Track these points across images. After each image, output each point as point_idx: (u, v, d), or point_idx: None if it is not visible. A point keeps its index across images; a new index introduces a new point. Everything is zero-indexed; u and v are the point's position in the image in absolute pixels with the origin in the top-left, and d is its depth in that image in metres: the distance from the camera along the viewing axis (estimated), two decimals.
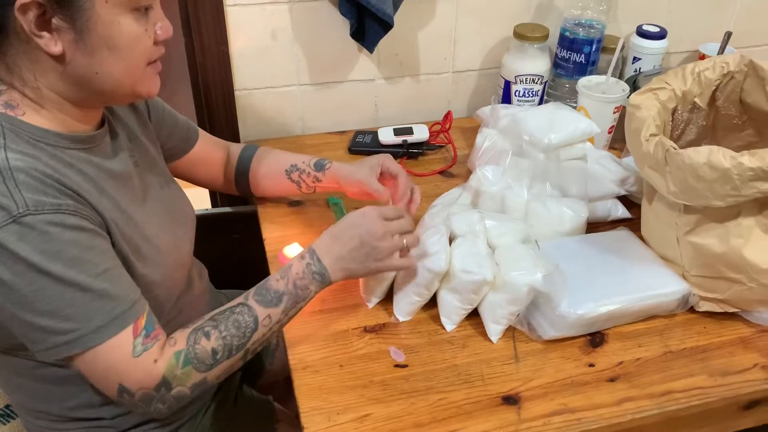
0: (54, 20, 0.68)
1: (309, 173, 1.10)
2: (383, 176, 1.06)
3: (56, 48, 0.70)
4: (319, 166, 1.10)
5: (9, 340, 0.78)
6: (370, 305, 0.98)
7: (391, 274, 0.96)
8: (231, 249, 1.41)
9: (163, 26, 0.78)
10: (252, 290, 0.84)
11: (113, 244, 0.78)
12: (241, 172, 1.12)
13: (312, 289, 0.86)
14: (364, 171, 1.05)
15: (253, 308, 0.82)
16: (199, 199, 1.52)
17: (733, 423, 0.95)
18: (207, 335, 0.79)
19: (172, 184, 0.98)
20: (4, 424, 0.99)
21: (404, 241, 0.90)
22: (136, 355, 0.74)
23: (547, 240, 1.03)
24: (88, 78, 0.74)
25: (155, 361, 0.76)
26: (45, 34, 0.69)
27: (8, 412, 0.98)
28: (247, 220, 1.21)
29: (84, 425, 0.89)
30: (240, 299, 0.83)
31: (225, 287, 1.26)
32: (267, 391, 1.16)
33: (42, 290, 0.69)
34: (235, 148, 1.14)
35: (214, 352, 0.79)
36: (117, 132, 0.87)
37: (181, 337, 0.79)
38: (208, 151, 1.10)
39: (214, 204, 1.51)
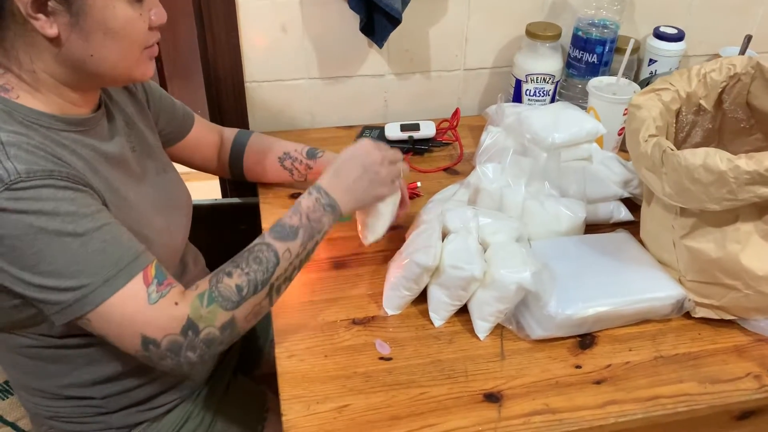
0: (50, 3, 0.70)
1: (301, 161, 1.12)
2: None
3: (52, 30, 0.71)
4: (311, 155, 1.12)
5: (4, 318, 0.80)
6: (367, 242, 0.99)
7: (388, 211, 0.98)
8: (238, 239, 1.42)
9: (157, 12, 0.79)
10: (268, 229, 0.85)
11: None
12: (235, 157, 1.15)
13: (325, 221, 0.87)
14: None
15: (271, 244, 0.82)
16: (210, 190, 1.55)
17: None
18: (229, 274, 0.79)
19: (170, 171, 0.99)
20: (3, 399, 1.02)
21: (398, 167, 0.95)
22: (153, 302, 0.74)
23: (543, 240, 1.02)
24: (83, 61, 0.75)
25: (176, 303, 0.75)
26: (41, 16, 0.70)
27: (6, 387, 1.01)
28: (254, 211, 1.22)
29: (74, 404, 0.91)
30: (256, 240, 0.83)
31: None
32: (262, 381, 1.17)
33: (43, 250, 0.70)
34: (229, 133, 1.16)
35: (239, 288, 0.78)
36: (114, 116, 0.89)
37: (202, 282, 0.79)
38: (204, 135, 1.13)
39: (224, 195, 1.53)
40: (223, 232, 1.42)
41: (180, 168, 1.04)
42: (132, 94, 0.96)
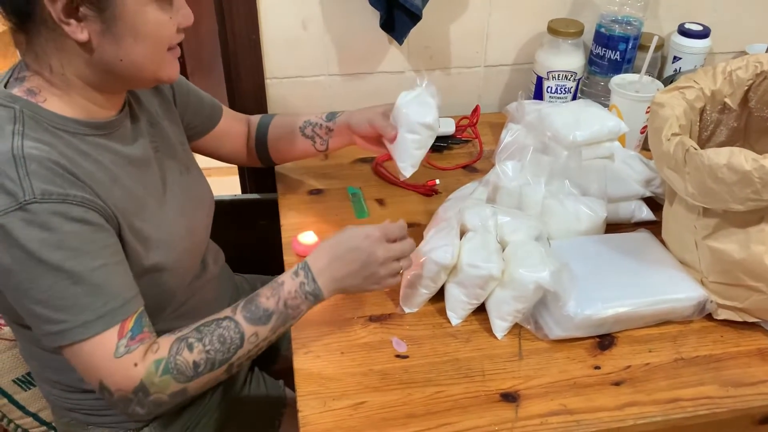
0: (81, 9, 0.70)
1: (321, 125, 1.11)
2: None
3: (83, 35, 0.72)
4: (330, 117, 1.11)
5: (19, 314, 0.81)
6: (406, 311, 0.96)
7: (430, 291, 0.95)
8: (257, 235, 1.43)
9: (185, 14, 0.79)
10: (241, 304, 0.82)
11: (120, 236, 0.79)
12: (261, 140, 1.14)
13: (303, 308, 0.84)
14: (375, 111, 1.05)
15: (240, 324, 0.80)
16: (230, 186, 1.56)
17: None
18: (190, 347, 0.78)
19: (193, 170, 1.00)
20: (25, 390, 1.03)
21: (400, 264, 0.88)
22: (118, 356, 0.75)
23: (562, 239, 1.01)
24: (112, 64, 0.76)
25: (135, 365, 0.76)
26: (72, 21, 0.71)
27: (28, 379, 1.03)
28: (273, 206, 1.23)
29: (93, 396, 0.92)
30: (228, 312, 0.82)
31: (249, 272, 1.28)
32: (280, 375, 1.18)
33: (37, 279, 0.71)
34: (254, 119, 1.16)
35: (196, 365, 0.78)
36: (138, 117, 0.89)
37: (164, 344, 0.78)
38: (231, 125, 1.12)
39: (243, 191, 1.53)
40: (242, 228, 1.44)
41: (201, 163, 1.05)
42: (159, 91, 0.96)
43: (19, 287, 0.72)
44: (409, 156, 1.00)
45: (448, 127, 1.32)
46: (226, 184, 1.60)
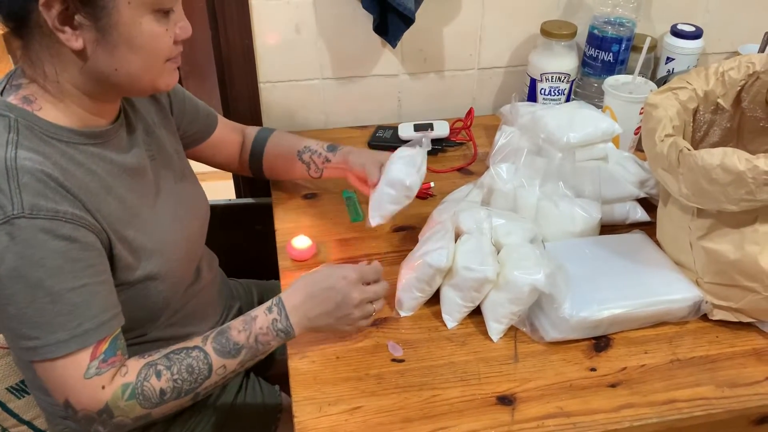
0: (77, 17, 0.70)
1: (320, 154, 1.11)
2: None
3: (77, 44, 0.71)
4: (332, 148, 1.11)
5: None
6: (401, 315, 0.96)
7: (425, 294, 0.95)
8: (252, 239, 1.43)
9: (183, 26, 0.79)
10: (212, 335, 0.83)
11: (110, 250, 0.78)
12: (256, 153, 1.14)
13: (273, 344, 0.85)
14: (372, 158, 1.06)
15: (209, 356, 0.81)
16: (224, 191, 1.55)
17: None
18: (158, 375, 0.78)
19: (188, 179, 0.99)
20: (18, 398, 1.03)
21: (373, 307, 0.88)
22: (87, 377, 0.75)
23: (557, 241, 1.01)
24: (107, 73, 0.75)
25: (103, 387, 0.76)
26: (67, 29, 0.70)
27: (22, 387, 1.02)
28: (268, 211, 1.23)
29: None
30: (199, 341, 0.82)
31: (244, 276, 1.28)
32: (276, 381, 1.17)
33: (15, 294, 0.71)
34: (251, 131, 1.16)
35: (162, 392, 0.78)
36: (134, 125, 0.89)
37: (133, 368, 0.78)
38: (227, 135, 1.13)
39: (238, 195, 1.53)
40: (237, 232, 1.43)
41: (195, 167, 1.05)
42: (155, 99, 0.96)
43: None
44: (381, 208, 1.01)
45: (443, 130, 1.32)
46: (220, 188, 1.59)
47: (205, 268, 1.03)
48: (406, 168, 0.99)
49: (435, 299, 0.95)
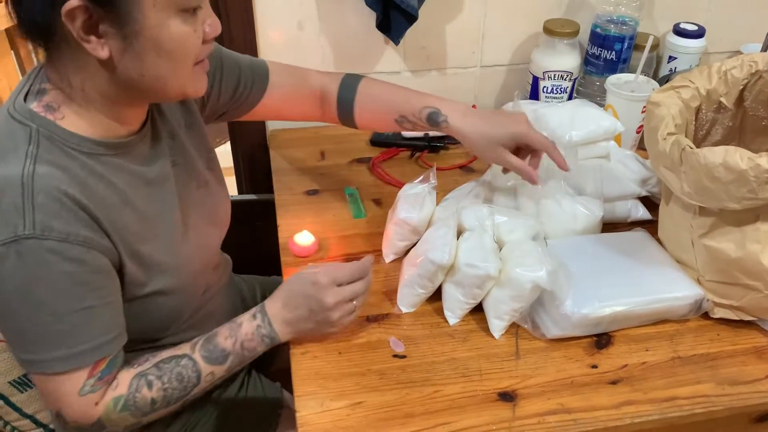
0: (101, 26, 0.67)
1: (423, 126, 1.01)
2: (521, 149, 0.98)
3: (103, 52, 0.69)
4: (433, 121, 0.99)
5: None
6: (403, 311, 0.96)
7: (427, 291, 0.94)
8: (254, 235, 1.43)
9: (212, 24, 0.75)
10: (200, 342, 0.84)
11: (121, 266, 0.78)
12: (345, 114, 1.04)
13: (259, 350, 0.86)
14: (492, 149, 0.96)
15: (197, 363, 0.82)
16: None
17: None
18: (149, 385, 0.79)
19: (212, 184, 0.96)
20: (21, 392, 1.03)
21: (354, 304, 0.87)
22: (82, 394, 0.75)
23: (559, 238, 1.02)
24: (135, 81, 0.73)
25: (96, 403, 0.77)
26: (92, 38, 0.68)
27: (26, 380, 1.02)
28: (270, 207, 1.23)
29: None
30: (187, 349, 0.83)
31: (247, 272, 1.28)
32: (277, 377, 1.17)
33: (19, 310, 0.71)
34: (330, 83, 1.04)
35: (153, 401, 0.80)
36: (159, 130, 0.86)
37: (124, 380, 0.79)
38: (292, 90, 1.04)
39: (240, 191, 1.53)
40: (239, 229, 1.43)
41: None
42: (183, 101, 0.92)
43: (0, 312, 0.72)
44: (392, 245, 1.04)
45: None
46: None
47: (219, 274, 1.02)
48: (411, 207, 1.00)
49: (437, 296, 0.96)
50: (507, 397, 0.83)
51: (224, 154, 1.52)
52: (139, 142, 0.81)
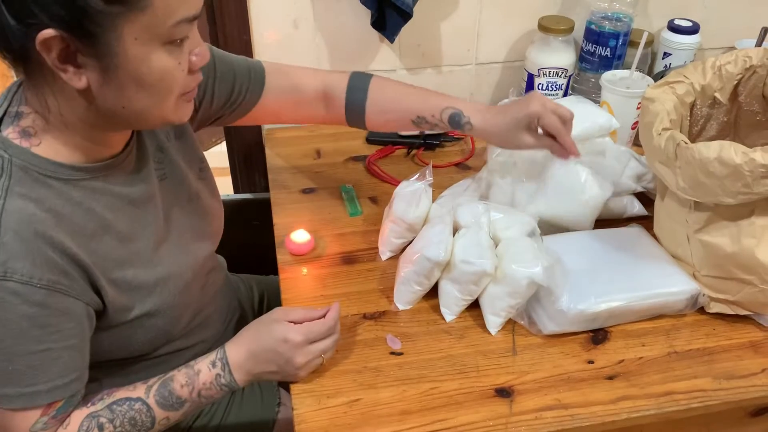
0: (79, 56, 0.63)
1: (442, 127, 0.98)
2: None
3: (81, 83, 0.65)
4: (455, 123, 0.96)
5: None
6: (400, 308, 0.96)
7: (424, 288, 0.94)
8: (250, 235, 1.43)
9: (199, 53, 0.71)
10: (155, 386, 0.80)
11: (101, 297, 0.76)
12: (355, 116, 1.01)
13: (217, 397, 0.83)
14: (516, 139, 0.94)
15: (152, 409, 0.79)
16: (222, 187, 1.55)
17: (739, 430, 0.92)
18: (101, 428, 0.77)
19: (202, 195, 0.94)
20: None
21: (321, 359, 0.84)
22: (33, 431, 0.73)
23: (559, 204, 1.01)
24: (114, 111, 0.69)
25: None
26: (69, 68, 0.64)
27: None
28: (266, 206, 1.23)
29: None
30: (141, 393, 0.80)
31: (244, 271, 1.28)
32: None
33: None
34: (338, 83, 1.00)
35: None
36: (146, 146, 0.83)
37: (75, 420, 0.77)
38: (292, 92, 1.00)
39: (236, 191, 1.53)
40: (235, 228, 1.43)
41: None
42: None
43: None
44: (388, 242, 1.04)
45: None
46: (218, 184, 1.59)
47: (213, 278, 1.01)
48: (407, 206, 1.00)
49: (433, 293, 0.96)
50: (504, 393, 0.83)
51: (220, 153, 1.52)
52: (123, 161, 0.78)
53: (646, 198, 1.13)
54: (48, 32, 0.61)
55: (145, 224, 0.82)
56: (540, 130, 0.96)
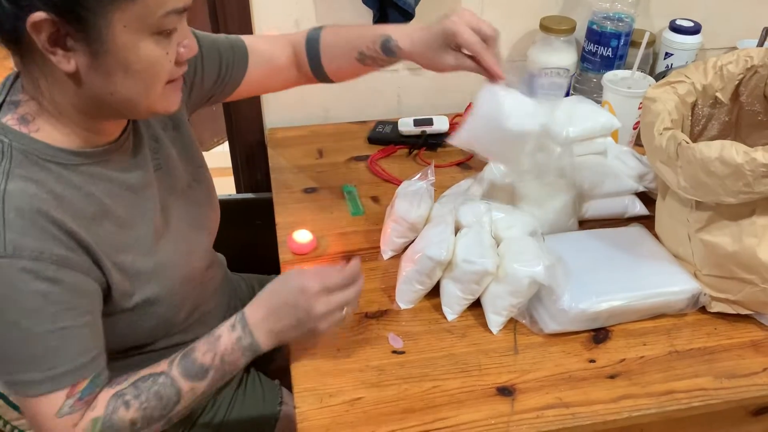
0: (69, 39, 0.65)
1: (382, 59, 0.95)
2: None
3: (69, 66, 0.66)
4: (387, 50, 0.93)
5: None
6: (402, 307, 0.96)
7: (425, 287, 0.95)
8: (253, 234, 1.43)
9: (186, 45, 0.73)
10: (177, 358, 0.80)
11: (106, 277, 0.76)
12: (314, 62, 1.00)
13: (242, 362, 0.82)
14: (437, 58, 0.89)
15: (176, 381, 0.78)
16: (224, 186, 1.55)
17: (740, 429, 0.92)
18: (127, 405, 0.76)
19: (199, 184, 0.95)
20: None
21: (343, 313, 0.82)
22: (60, 416, 0.73)
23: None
24: (102, 97, 0.71)
25: (74, 425, 0.74)
26: (59, 51, 0.65)
27: None
28: (268, 206, 1.23)
29: None
30: (165, 366, 0.79)
31: (246, 271, 1.28)
32: (276, 375, 1.18)
33: None
34: (300, 40, 1.00)
35: (133, 422, 0.76)
36: (141, 134, 0.84)
37: (102, 400, 0.76)
38: (269, 62, 1.01)
39: (238, 191, 1.54)
40: (237, 228, 1.43)
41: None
42: None
43: None
44: (390, 242, 1.04)
45: (442, 125, 1.33)
46: (220, 184, 1.58)
47: (211, 274, 1.01)
48: (408, 205, 1.01)
49: (435, 292, 0.96)
50: (505, 391, 0.84)
51: (222, 153, 1.53)
52: (119, 148, 0.79)
53: (647, 198, 1.13)
54: (39, 15, 0.62)
55: (144, 211, 0.82)
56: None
